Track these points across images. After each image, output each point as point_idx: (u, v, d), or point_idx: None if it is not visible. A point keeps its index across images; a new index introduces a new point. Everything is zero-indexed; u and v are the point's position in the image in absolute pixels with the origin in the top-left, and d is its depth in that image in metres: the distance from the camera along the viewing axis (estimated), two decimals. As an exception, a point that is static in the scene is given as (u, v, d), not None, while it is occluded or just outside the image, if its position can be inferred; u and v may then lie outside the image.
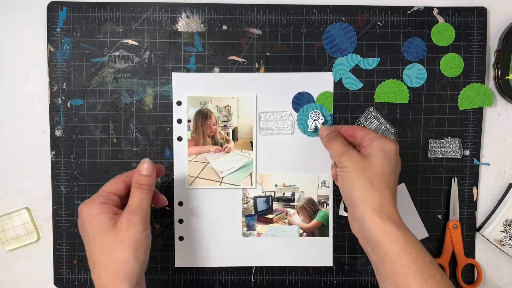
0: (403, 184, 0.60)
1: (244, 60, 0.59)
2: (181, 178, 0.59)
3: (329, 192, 0.60)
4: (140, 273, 0.47)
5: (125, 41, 0.59)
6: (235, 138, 0.59)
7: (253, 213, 0.60)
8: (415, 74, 0.59)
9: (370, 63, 0.59)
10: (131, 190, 0.50)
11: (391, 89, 0.59)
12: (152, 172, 0.51)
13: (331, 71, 0.59)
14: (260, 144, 0.59)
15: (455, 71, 0.59)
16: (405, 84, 0.59)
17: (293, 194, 0.60)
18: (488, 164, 0.60)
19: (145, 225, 0.48)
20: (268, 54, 0.59)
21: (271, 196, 0.60)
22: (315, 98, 0.59)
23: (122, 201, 0.51)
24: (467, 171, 0.60)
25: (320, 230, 0.60)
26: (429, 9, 0.58)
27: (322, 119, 0.58)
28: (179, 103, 0.59)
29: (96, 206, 0.48)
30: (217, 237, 0.60)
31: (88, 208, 0.48)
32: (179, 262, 0.60)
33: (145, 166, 0.51)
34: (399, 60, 0.59)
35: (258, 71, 0.59)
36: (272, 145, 0.59)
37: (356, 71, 0.59)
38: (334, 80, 0.59)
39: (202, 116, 0.59)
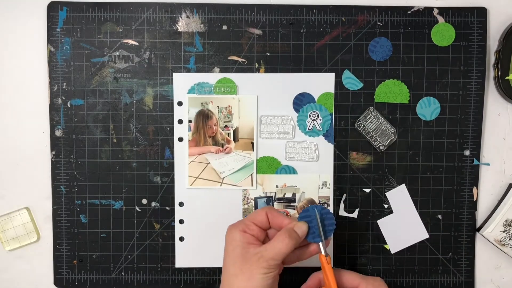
0: (403, 185, 0.60)
1: (244, 60, 0.59)
2: (181, 178, 0.59)
3: (329, 193, 0.60)
4: None
5: (125, 41, 0.58)
6: (236, 139, 0.59)
7: (254, 213, 0.60)
8: (430, 108, 0.59)
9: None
10: (281, 234, 0.49)
11: (391, 89, 0.59)
12: (304, 234, 0.50)
13: (331, 71, 0.59)
14: (261, 147, 0.59)
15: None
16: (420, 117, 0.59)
17: (293, 194, 0.60)
18: (488, 164, 0.60)
19: (275, 268, 0.48)
20: (268, 54, 0.59)
21: (271, 196, 0.60)
22: (316, 98, 0.59)
23: (261, 232, 0.51)
24: (467, 171, 0.60)
25: (320, 231, 0.60)
26: (429, 9, 0.58)
27: (320, 120, 0.58)
28: (180, 103, 0.59)
29: (237, 232, 0.49)
30: (218, 237, 0.60)
31: (230, 232, 0.50)
32: (179, 263, 0.60)
33: (303, 228, 0.50)
34: (399, 60, 0.59)
35: (258, 71, 0.59)
36: (273, 146, 0.59)
37: (356, 71, 0.59)
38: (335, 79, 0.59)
39: (203, 116, 0.59)
